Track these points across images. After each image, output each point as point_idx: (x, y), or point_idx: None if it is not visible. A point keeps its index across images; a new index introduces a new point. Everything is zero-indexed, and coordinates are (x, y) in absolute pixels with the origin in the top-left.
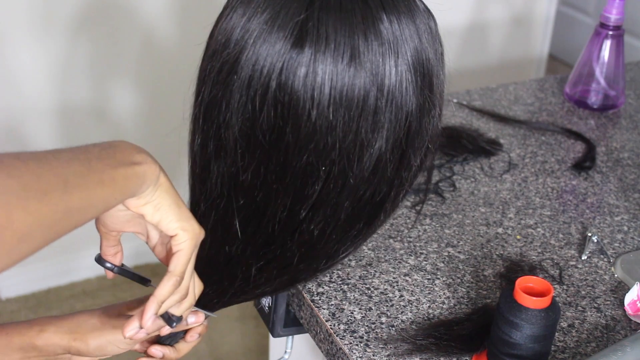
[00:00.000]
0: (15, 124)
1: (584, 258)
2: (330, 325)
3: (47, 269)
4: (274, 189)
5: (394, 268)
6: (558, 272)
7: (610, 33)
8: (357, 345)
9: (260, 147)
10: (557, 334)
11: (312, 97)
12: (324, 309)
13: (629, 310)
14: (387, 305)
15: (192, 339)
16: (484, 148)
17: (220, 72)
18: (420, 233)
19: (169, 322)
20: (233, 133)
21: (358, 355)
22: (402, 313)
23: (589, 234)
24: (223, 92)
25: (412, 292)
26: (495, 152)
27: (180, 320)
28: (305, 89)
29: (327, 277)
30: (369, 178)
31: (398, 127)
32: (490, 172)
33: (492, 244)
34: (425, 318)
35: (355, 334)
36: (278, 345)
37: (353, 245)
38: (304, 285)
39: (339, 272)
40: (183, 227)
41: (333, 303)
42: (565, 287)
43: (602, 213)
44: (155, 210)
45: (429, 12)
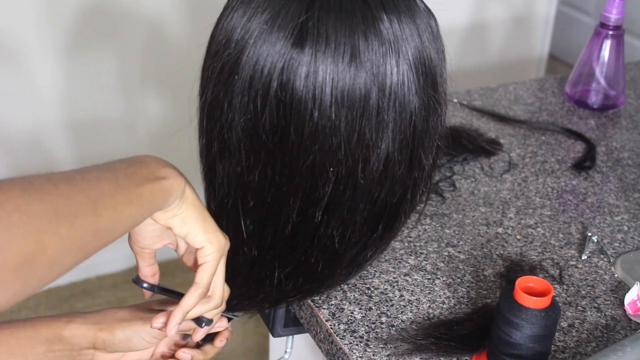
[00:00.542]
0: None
1: (584, 258)
2: (330, 325)
3: None
4: (284, 191)
5: (394, 268)
6: (558, 272)
7: (611, 33)
8: (357, 345)
9: (265, 147)
10: (557, 334)
11: (313, 97)
12: (324, 309)
13: (629, 310)
14: (387, 305)
15: (220, 344)
16: (484, 148)
17: (222, 72)
18: (420, 233)
19: (199, 322)
20: (236, 133)
21: (358, 355)
22: (402, 313)
23: (589, 234)
24: (225, 92)
25: (412, 292)
26: (495, 152)
27: (211, 323)
28: (307, 89)
29: None
30: (380, 179)
31: (403, 126)
32: (490, 172)
33: (492, 244)
34: (426, 318)
35: (356, 334)
36: (278, 345)
37: (377, 249)
38: None
39: None
40: (210, 239)
41: (333, 303)
42: (565, 287)
43: (602, 213)
44: (183, 224)
45: (430, 11)
